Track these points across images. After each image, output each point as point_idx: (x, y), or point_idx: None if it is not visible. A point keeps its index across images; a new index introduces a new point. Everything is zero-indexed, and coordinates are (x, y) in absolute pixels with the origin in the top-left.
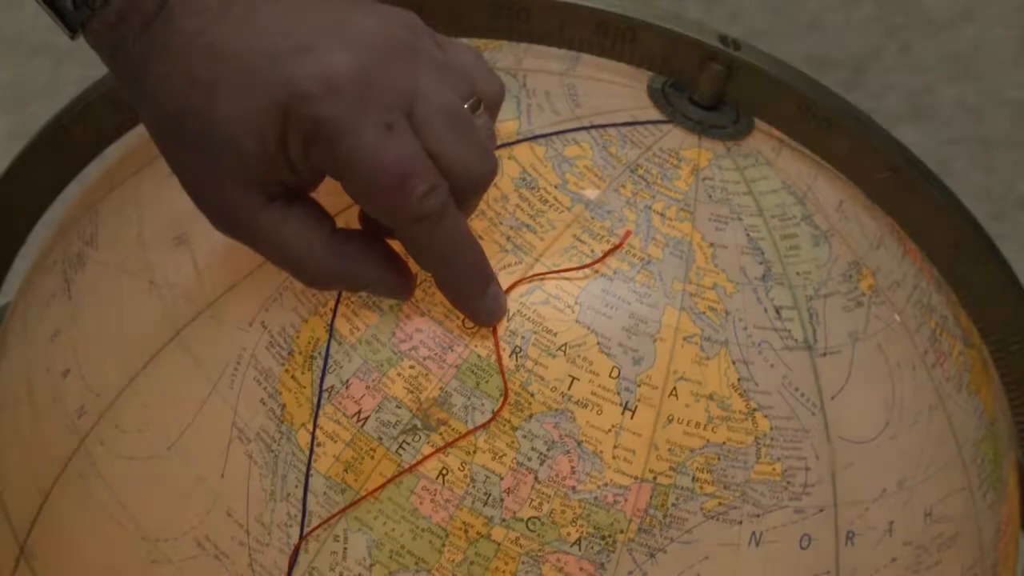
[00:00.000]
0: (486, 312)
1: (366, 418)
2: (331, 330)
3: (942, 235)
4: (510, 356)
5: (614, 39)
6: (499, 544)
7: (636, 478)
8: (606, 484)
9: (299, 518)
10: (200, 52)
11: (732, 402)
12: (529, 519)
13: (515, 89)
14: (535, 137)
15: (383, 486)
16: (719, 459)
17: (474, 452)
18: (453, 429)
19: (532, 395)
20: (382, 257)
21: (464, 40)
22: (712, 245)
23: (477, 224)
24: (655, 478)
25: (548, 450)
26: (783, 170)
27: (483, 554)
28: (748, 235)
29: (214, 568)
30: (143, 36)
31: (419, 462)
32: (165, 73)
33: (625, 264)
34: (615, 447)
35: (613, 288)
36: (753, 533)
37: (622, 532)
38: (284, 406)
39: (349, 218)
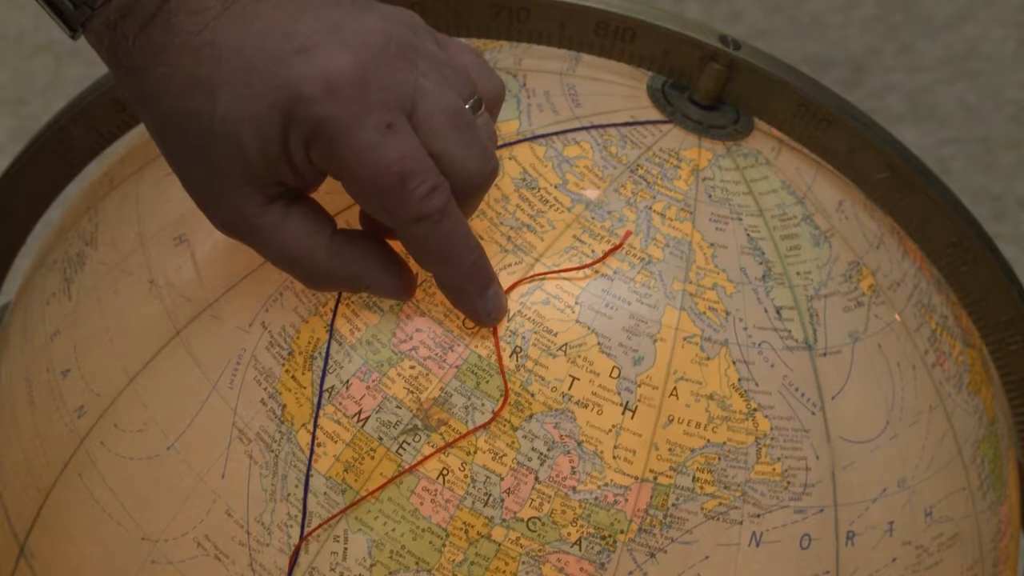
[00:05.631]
0: (486, 312)
1: (366, 418)
2: (331, 330)
3: (942, 235)
4: (510, 356)
5: (614, 39)
6: (499, 544)
7: (636, 478)
8: (606, 484)
9: (299, 518)
10: (200, 52)
11: (732, 402)
12: (529, 519)
13: (515, 89)
14: (535, 137)
15: (383, 486)
16: (719, 459)
17: (474, 452)
18: (453, 429)
19: (532, 395)
20: (383, 258)
21: (464, 40)
22: (712, 245)
23: (478, 224)
24: (655, 478)
25: (548, 450)
26: (783, 170)
27: (483, 554)
28: (748, 235)
29: (214, 568)
30: (143, 35)
31: (419, 462)
32: (165, 73)
33: (625, 264)
34: (615, 447)
35: (613, 288)
36: (753, 533)
37: (622, 532)
38: (284, 406)
39: (349, 218)
